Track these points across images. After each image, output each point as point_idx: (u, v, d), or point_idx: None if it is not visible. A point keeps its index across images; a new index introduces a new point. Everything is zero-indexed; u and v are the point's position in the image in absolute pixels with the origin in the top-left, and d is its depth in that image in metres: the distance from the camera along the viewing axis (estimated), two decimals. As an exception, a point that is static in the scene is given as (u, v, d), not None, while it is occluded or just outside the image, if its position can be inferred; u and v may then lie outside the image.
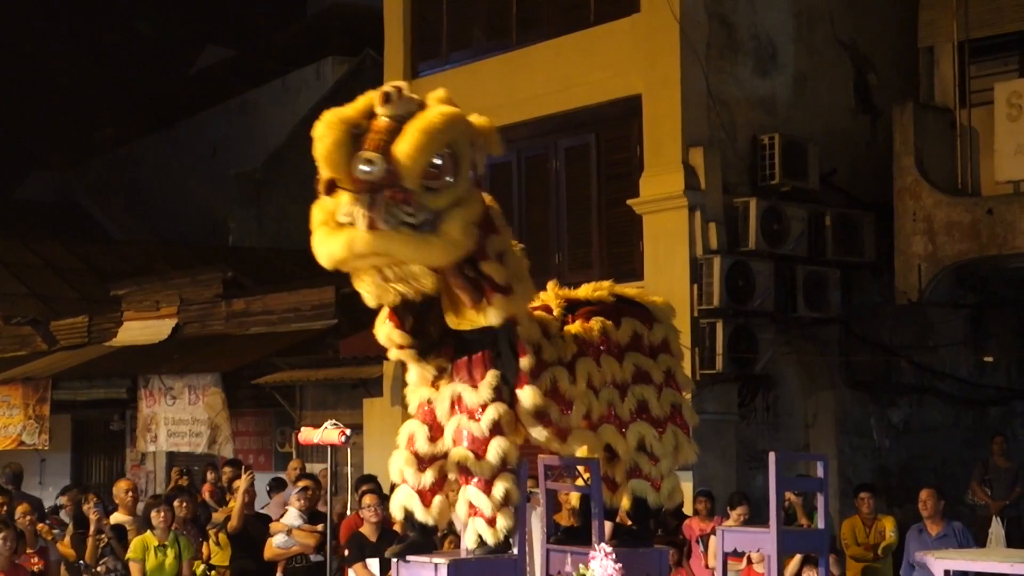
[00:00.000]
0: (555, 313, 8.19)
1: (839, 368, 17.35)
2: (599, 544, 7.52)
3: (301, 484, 14.51)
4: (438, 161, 7.36)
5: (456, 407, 7.91)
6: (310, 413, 20.93)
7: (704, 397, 15.71)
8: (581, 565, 7.44)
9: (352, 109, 7.49)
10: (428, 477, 7.93)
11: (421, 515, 7.96)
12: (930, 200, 16.69)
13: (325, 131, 7.34)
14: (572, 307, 8.30)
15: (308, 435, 10.89)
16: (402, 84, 7.59)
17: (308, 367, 21.35)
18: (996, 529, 16.41)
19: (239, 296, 24.49)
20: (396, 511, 8.13)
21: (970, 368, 18.48)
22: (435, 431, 7.96)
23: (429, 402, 8.06)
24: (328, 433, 10.55)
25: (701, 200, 16.10)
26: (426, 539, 8.11)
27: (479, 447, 7.73)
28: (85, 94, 47.24)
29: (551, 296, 8.36)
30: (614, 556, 7.27)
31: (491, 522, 7.74)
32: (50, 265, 31.61)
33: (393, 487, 14.72)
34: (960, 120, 17.19)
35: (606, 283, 8.62)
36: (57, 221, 40.30)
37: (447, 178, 7.37)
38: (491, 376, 7.75)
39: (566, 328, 8.13)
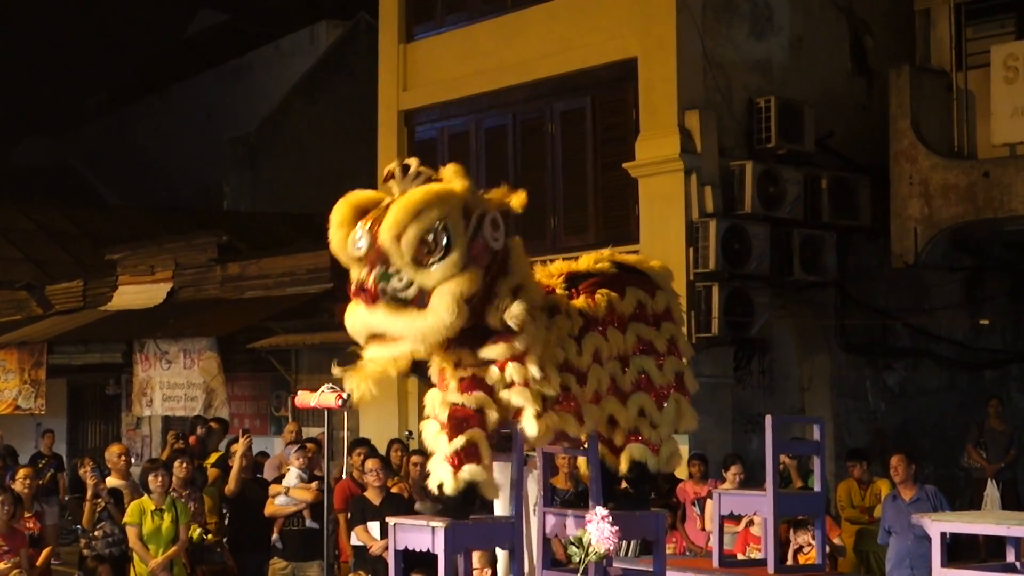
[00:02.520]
0: (557, 292, 8.13)
1: (835, 331, 17.37)
2: (596, 507, 7.51)
3: (302, 443, 14.52)
4: (429, 236, 7.30)
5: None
6: (306, 377, 20.93)
7: (700, 360, 15.69)
8: (579, 528, 7.43)
9: (373, 191, 7.61)
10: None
11: (450, 486, 7.90)
12: (926, 163, 16.67)
13: (335, 210, 7.53)
14: (574, 280, 8.23)
15: (305, 399, 10.89)
16: (412, 161, 7.53)
17: (304, 331, 21.32)
18: (991, 492, 16.48)
19: (234, 260, 24.44)
20: (433, 484, 8.12)
21: (966, 331, 18.51)
22: None
23: (442, 370, 8.03)
24: (325, 397, 10.56)
25: (697, 163, 16.09)
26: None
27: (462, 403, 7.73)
28: (79, 58, 47.14)
29: (550, 273, 8.28)
30: (611, 519, 7.26)
31: (451, 463, 7.68)
32: (45, 230, 31.57)
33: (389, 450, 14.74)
34: (956, 83, 17.17)
35: (606, 252, 8.53)
36: (52, 186, 40.20)
37: (438, 254, 7.33)
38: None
39: (572, 302, 8.07)
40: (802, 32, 17.47)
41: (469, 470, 7.63)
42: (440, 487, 7.66)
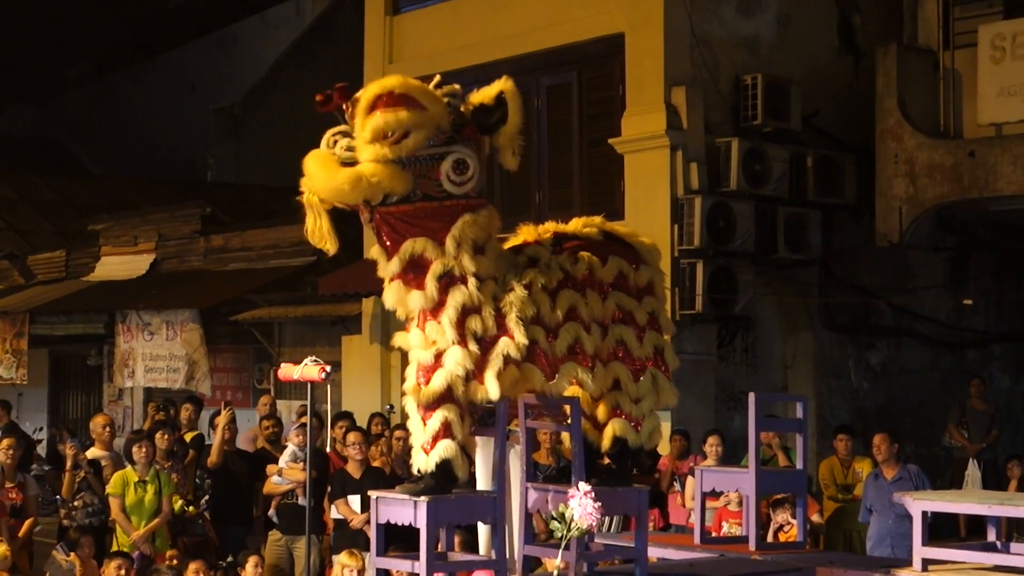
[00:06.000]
0: (541, 249, 8.13)
1: (818, 310, 17.38)
2: (579, 483, 7.51)
3: (301, 420, 14.54)
4: (390, 130, 7.45)
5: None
6: (288, 350, 20.92)
7: (683, 337, 15.72)
8: (561, 504, 7.43)
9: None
10: None
11: (424, 464, 7.91)
12: (912, 142, 16.66)
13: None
14: (559, 241, 8.24)
15: (288, 371, 10.84)
16: (452, 87, 7.87)
17: (287, 304, 21.30)
18: (972, 471, 16.53)
19: (218, 232, 24.43)
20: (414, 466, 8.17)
21: (949, 311, 18.53)
22: None
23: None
24: (308, 369, 10.51)
25: (683, 140, 16.06)
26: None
27: (426, 375, 7.72)
28: (63, 27, 46.83)
29: (537, 231, 8.28)
30: (593, 495, 7.26)
31: (425, 449, 7.71)
32: (27, 199, 31.46)
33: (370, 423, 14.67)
34: (943, 62, 17.15)
35: (597, 219, 8.54)
36: (35, 155, 40.02)
37: (386, 141, 7.43)
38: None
39: (553, 258, 8.07)
40: (789, 9, 17.42)
41: (443, 447, 7.65)
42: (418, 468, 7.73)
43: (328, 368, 10.61)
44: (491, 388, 7.63)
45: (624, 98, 16.62)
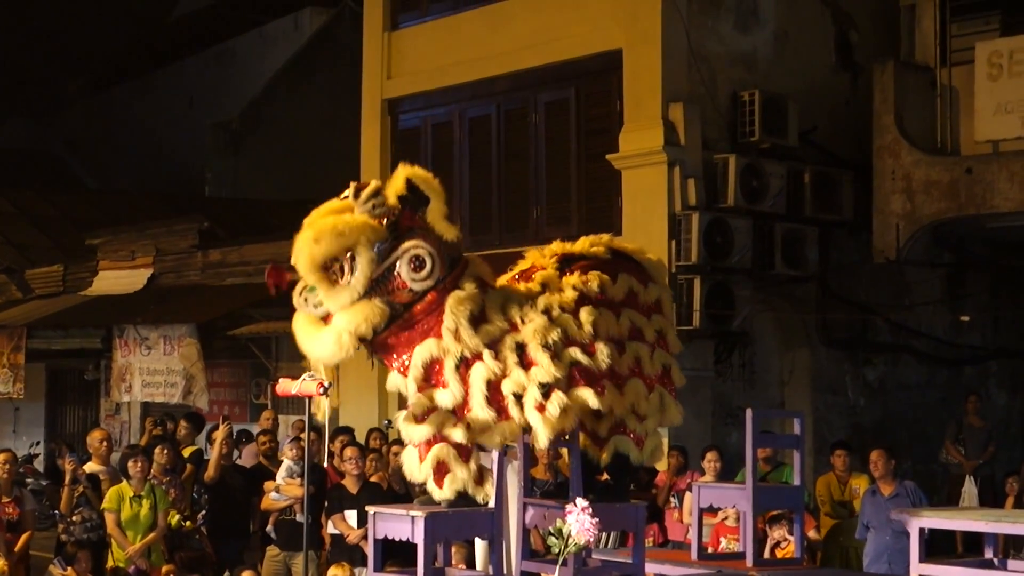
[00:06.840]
0: (548, 272, 8.12)
1: (815, 326, 17.37)
2: (576, 499, 7.51)
3: (299, 435, 14.53)
4: (335, 264, 7.57)
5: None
6: (286, 365, 20.87)
7: (681, 353, 15.66)
8: (558, 520, 7.43)
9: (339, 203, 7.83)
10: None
11: (441, 499, 7.94)
12: (909, 159, 16.69)
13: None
14: (567, 261, 8.23)
15: (286, 386, 10.84)
16: (374, 183, 7.75)
17: (284, 319, 21.17)
18: (969, 488, 16.52)
19: (215, 246, 24.42)
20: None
21: (946, 327, 18.53)
22: None
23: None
24: (306, 385, 10.51)
25: (680, 156, 16.08)
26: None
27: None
28: (61, 42, 46.90)
29: (543, 255, 8.29)
30: (591, 511, 7.26)
31: (438, 482, 7.75)
32: (25, 213, 31.46)
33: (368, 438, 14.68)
34: (940, 79, 17.18)
35: (604, 237, 8.55)
36: (32, 169, 40.07)
37: (346, 281, 7.52)
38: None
39: (564, 279, 8.07)
40: (787, 26, 17.47)
41: (450, 481, 7.69)
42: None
43: (326, 383, 10.62)
44: (537, 428, 7.66)
45: (622, 114, 16.65)
